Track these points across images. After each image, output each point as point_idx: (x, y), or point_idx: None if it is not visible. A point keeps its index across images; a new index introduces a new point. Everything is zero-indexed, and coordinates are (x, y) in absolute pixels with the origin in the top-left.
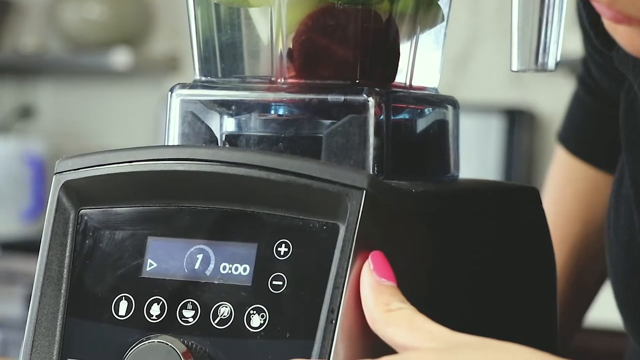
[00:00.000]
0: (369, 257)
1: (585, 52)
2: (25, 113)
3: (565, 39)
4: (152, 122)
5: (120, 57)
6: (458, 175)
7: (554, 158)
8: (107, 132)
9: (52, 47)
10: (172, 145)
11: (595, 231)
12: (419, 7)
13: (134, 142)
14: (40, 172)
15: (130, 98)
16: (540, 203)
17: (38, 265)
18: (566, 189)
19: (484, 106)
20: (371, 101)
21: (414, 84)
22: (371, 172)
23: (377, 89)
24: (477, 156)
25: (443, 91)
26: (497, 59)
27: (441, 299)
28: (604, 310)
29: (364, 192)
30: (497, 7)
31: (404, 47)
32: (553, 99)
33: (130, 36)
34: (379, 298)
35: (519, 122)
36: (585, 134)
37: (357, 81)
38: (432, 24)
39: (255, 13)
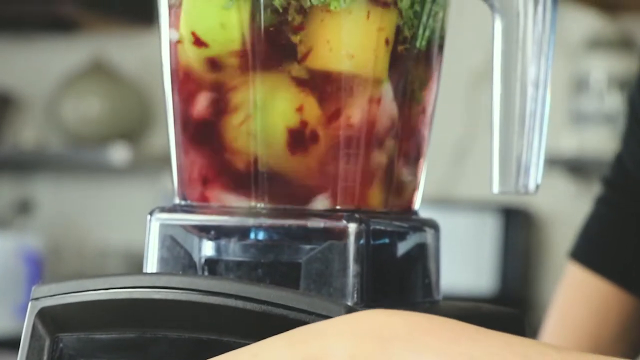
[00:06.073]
0: None
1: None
2: (24, 208)
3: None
4: None
5: (119, 153)
6: (439, 299)
7: (564, 277)
8: (105, 227)
9: (51, 142)
10: (149, 273)
11: (604, 349)
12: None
13: (133, 238)
14: (37, 268)
15: (128, 193)
16: (524, 328)
17: None
18: (577, 305)
19: (480, 204)
20: (351, 227)
21: (394, 207)
22: (351, 299)
23: (356, 215)
24: (473, 255)
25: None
26: None
27: None
28: None
29: None
30: None
31: (383, 171)
32: (549, 198)
33: (128, 132)
34: None
35: (514, 221)
36: (604, 249)
37: (337, 207)
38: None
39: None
